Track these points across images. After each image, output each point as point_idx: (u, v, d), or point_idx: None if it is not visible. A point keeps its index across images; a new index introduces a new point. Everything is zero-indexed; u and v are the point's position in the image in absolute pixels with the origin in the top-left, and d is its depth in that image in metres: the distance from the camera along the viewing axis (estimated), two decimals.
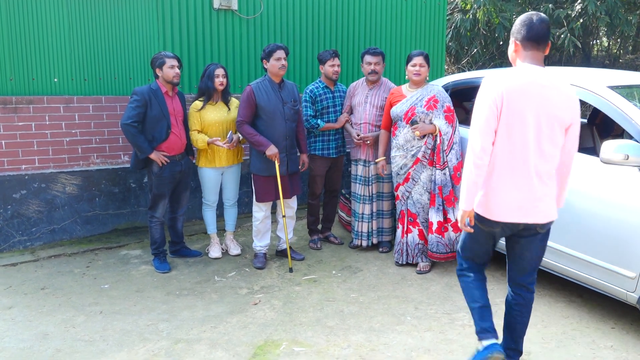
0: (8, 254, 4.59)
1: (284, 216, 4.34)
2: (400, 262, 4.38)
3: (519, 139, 2.46)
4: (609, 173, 3.19)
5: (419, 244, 4.30)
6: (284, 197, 4.31)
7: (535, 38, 2.46)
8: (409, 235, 4.31)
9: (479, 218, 2.63)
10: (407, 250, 4.34)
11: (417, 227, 4.28)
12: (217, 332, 3.31)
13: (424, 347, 3.13)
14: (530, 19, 2.48)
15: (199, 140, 4.27)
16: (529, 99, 2.42)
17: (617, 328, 3.33)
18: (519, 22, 2.53)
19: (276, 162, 4.18)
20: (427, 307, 3.63)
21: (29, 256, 4.55)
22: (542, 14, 2.53)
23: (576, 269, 3.39)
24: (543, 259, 3.54)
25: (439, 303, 3.70)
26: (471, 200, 2.55)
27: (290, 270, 4.29)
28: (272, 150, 4.14)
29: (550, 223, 2.62)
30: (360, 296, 3.83)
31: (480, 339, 2.70)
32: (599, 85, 3.42)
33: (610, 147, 3.06)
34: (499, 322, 3.43)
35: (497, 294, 3.84)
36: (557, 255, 3.47)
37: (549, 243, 3.47)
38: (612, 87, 3.40)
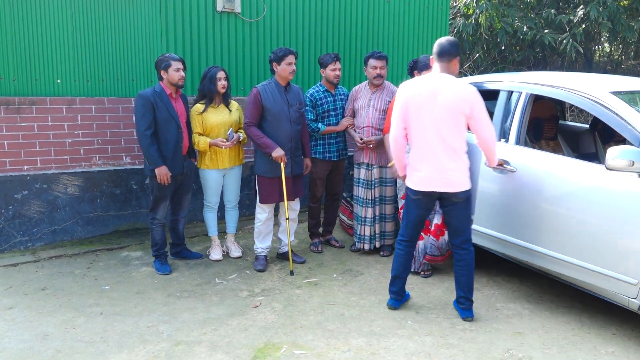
0: (9, 254, 4.59)
1: (287, 218, 4.34)
2: (413, 270, 4.28)
3: (422, 128, 3.36)
4: (613, 180, 3.16)
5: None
6: (287, 199, 4.31)
7: (441, 53, 3.39)
8: (420, 242, 4.25)
9: (410, 191, 3.50)
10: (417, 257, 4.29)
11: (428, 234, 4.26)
12: (217, 335, 3.31)
13: (424, 351, 3.12)
14: (441, 40, 3.42)
15: (201, 142, 4.27)
16: (426, 98, 3.32)
17: (619, 334, 3.32)
18: (435, 43, 3.46)
19: (282, 164, 4.19)
20: (428, 312, 3.63)
21: (30, 257, 4.55)
22: (452, 38, 3.43)
23: (578, 276, 3.36)
24: (545, 266, 3.54)
25: (440, 308, 3.69)
26: (401, 166, 3.58)
27: (292, 273, 4.29)
28: (278, 153, 4.14)
29: (462, 193, 3.39)
30: (361, 300, 3.82)
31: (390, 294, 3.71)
32: (601, 91, 3.41)
33: (615, 154, 3.04)
34: (501, 327, 3.43)
35: (499, 298, 3.83)
36: (561, 265, 3.43)
37: (551, 252, 3.45)
38: (615, 93, 3.39)
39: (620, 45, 11.62)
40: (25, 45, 4.56)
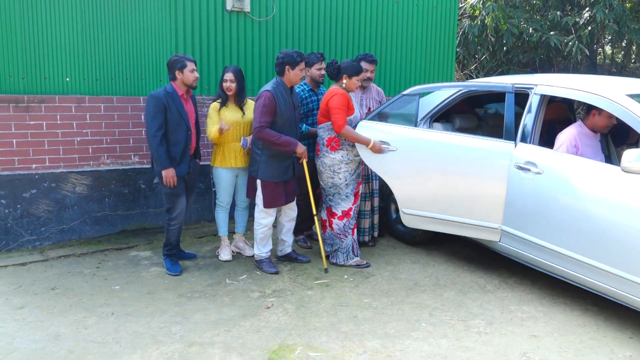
0: (17, 253, 4.56)
1: (314, 215, 4.42)
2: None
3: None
4: (629, 181, 3.16)
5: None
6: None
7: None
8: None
9: None
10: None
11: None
12: (230, 336, 3.28)
13: (440, 354, 3.09)
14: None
15: (212, 131, 4.27)
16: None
17: (635, 338, 3.29)
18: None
19: (304, 160, 4.23)
20: (442, 314, 3.60)
21: (38, 256, 4.52)
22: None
23: (594, 279, 3.35)
24: (561, 268, 3.53)
25: (454, 309, 3.66)
26: None
27: (326, 270, 4.31)
28: (302, 148, 4.16)
29: None
30: (373, 301, 3.80)
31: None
32: (618, 93, 3.39)
33: (631, 156, 3.03)
34: (516, 329, 3.40)
35: (512, 300, 3.80)
36: (576, 265, 3.44)
37: (566, 252, 3.44)
38: (632, 96, 3.37)
39: (623, 47, 11.60)
40: (35, 44, 4.53)
